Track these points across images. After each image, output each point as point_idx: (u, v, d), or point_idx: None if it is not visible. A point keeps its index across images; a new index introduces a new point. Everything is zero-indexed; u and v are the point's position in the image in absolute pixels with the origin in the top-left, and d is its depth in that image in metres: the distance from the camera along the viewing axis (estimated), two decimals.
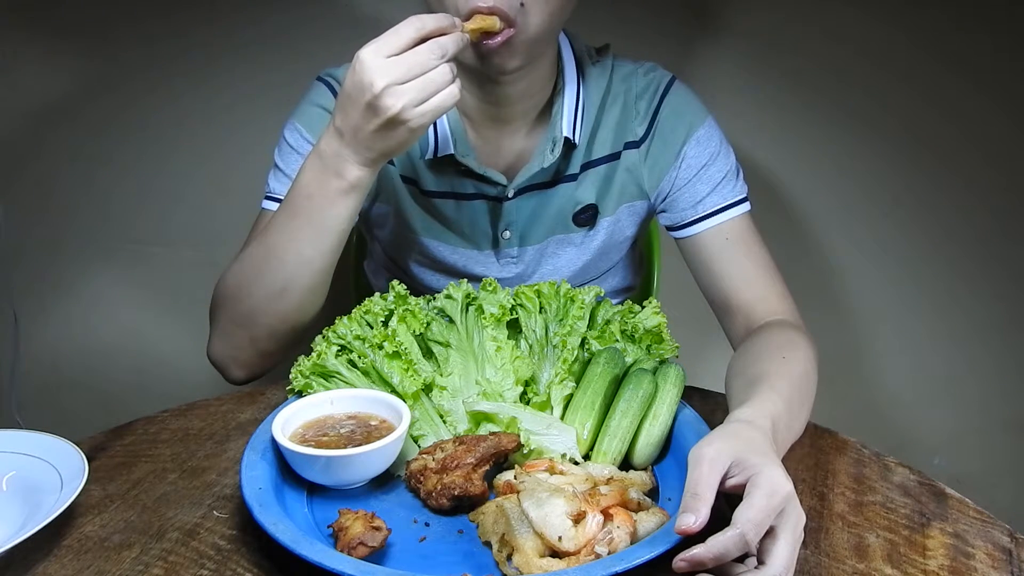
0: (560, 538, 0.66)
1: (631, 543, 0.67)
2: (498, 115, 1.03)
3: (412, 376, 0.84)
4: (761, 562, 0.61)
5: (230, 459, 0.84)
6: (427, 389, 0.85)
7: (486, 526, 0.71)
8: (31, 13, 1.64)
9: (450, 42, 0.81)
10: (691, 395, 0.92)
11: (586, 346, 0.89)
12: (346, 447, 0.76)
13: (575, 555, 0.65)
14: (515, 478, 0.74)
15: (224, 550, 0.71)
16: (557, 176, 1.06)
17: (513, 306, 0.89)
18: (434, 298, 0.91)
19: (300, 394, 0.86)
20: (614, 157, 1.07)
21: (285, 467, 0.77)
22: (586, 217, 1.09)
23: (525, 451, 0.79)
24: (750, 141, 1.54)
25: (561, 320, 0.90)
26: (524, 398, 0.86)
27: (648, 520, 0.69)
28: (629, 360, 0.89)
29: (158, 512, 0.76)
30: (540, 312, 0.90)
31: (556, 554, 0.66)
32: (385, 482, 0.80)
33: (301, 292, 0.93)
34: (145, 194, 1.78)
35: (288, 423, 0.79)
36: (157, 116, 1.71)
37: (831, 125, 1.67)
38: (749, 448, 0.66)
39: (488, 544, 0.70)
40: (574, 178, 1.06)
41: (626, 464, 0.81)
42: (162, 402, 0.99)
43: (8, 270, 1.72)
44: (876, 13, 1.58)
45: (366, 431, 0.79)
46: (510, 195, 1.05)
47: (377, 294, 0.91)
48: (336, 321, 0.89)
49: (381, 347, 0.85)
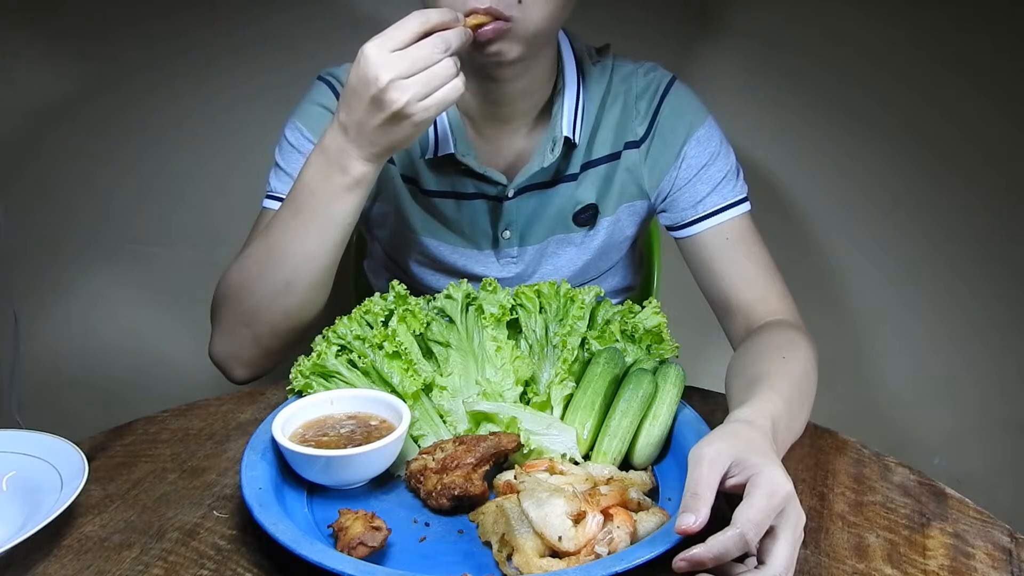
0: (560, 538, 0.66)
1: (631, 543, 0.67)
2: (498, 114, 1.03)
3: (412, 376, 0.84)
4: (761, 562, 0.61)
5: (230, 459, 0.84)
6: (427, 389, 0.85)
7: (486, 526, 0.71)
8: (31, 13, 1.64)
9: (454, 36, 0.81)
10: (691, 395, 0.92)
11: (586, 346, 0.89)
12: (346, 447, 0.76)
13: (575, 555, 0.65)
14: (515, 478, 0.74)
15: (224, 550, 0.71)
16: (557, 176, 1.06)
17: (513, 306, 0.89)
18: (434, 298, 0.91)
19: (300, 394, 0.86)
20: (614, 157, 1.07)
21: (285, 467, 0.77)
22: (586, 217, 1.09)
23: (525, 451, 0.79)
24: (750, 141, 1.54)
25: (561, 320, 0.90)
26: (524, 398, 0.86)
27: (648, 520, 0.69)
28: (629, 360, 0.89)
29: (158, 512, 0.76)
30: (540, 312, 0.90)
31: (556, 554, 0.66)
32: (385, 482, 0.80)
33: (305, 288, 0.93)
34: (145, 194, 1.78)
35: (288, 423, 0.79)
36: (157, 116, 1.72)
37: (831, 125, 1.67)
38: (749, 448, 0.66)
39: (488, 544, 0.70)
40: (574, 178, 1.06)
41: (626, 464, 0.81)
42: (162, 402, 0.99)
43: (8, 270, 1.72)
44: (876, 13, 1.58)
45: (366, 431, 0.79)
46: (510, 195, 1.05)
47: (377, 294, 0.91)
48: (336, 321, 0.89)
49: (381, 347, 0.85)
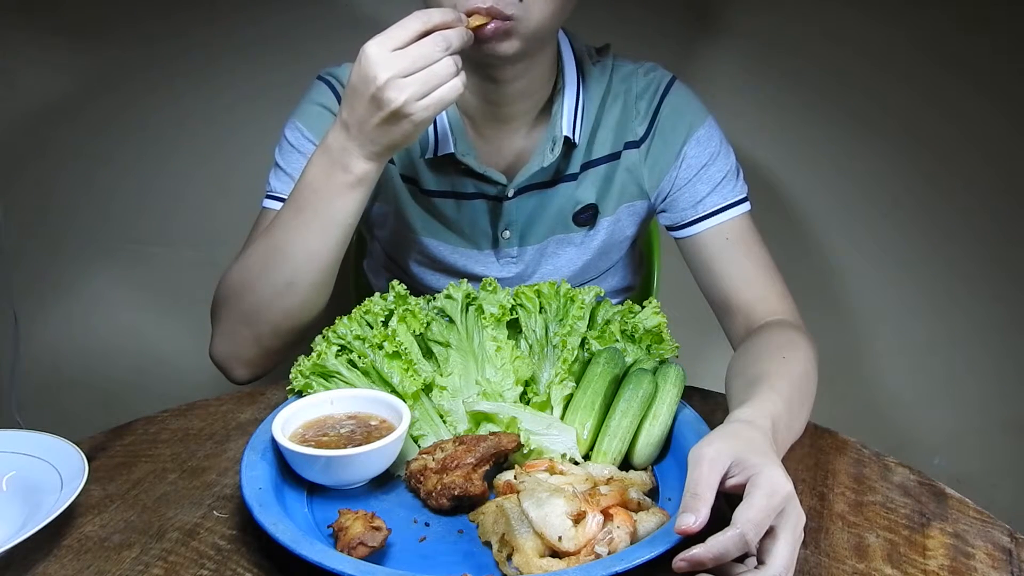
0: (560, 538, 0.66)
1: (631, 543, 0.66)
2: (498, 114, 1.03)
3: (412, 376, 0.84)
4: (761, 562, 0.61)
5: (230, 459, 0.84)
6: (427, 389, 0.85)
7: (486, 526, 0.71)
8: (31, 13, 1.64)
9: (455, 36, 0.81)
10: (691, 395, 0.92)
11: (586, 346, 0.89)
12: (346, 447, 0.76)
13: (575, 555, 0.65)
14: (515, 478, 0.74)
15: (224, 550, 0.71)
16: (557, 176, 1.06)
17: (513, 306, 0.89)
18: (434, 298, 0.91)
19: (300, 394, 0.86)
20: (614, 157, 1.07)
21: (285, 467, 0.77)
22: (586, 217, 1.09)
23: (525, 451, 0.79)
24: (750, 141, 1.54)
25: (561, 320, 0.90)
26: (524, 398, 0.86)
27: (648, 520, 0.69)
28: (629, 360, 0.89)
29: (158, 512, 0.76)
30: (540, 312, 0.90)
31: (556, 554, 0.66)
32: (385, 482, 0.80)
33: (307, 287, 0.93)
34: (145, 194, 1.78)
35: (288, 423, 0.79)
36: (157, 116, 1.72)
37: (831, 125, 1.67)
38: (749, 448, 0.66)
39: (488, 544, 0.70)
40: (574, 178, 1.06)
41: (626, 464, 0.81)
42: (162, 402, 0.99)
43: (8, 270, 1.72)
44: (876, 13, 1.58)
45: (366, 431, 0.79)
46: (510, 194, 1.05)
47: (377, 294, 0.91)
48: (336, 321, 0.89)
49: (381, 347, 0.85)
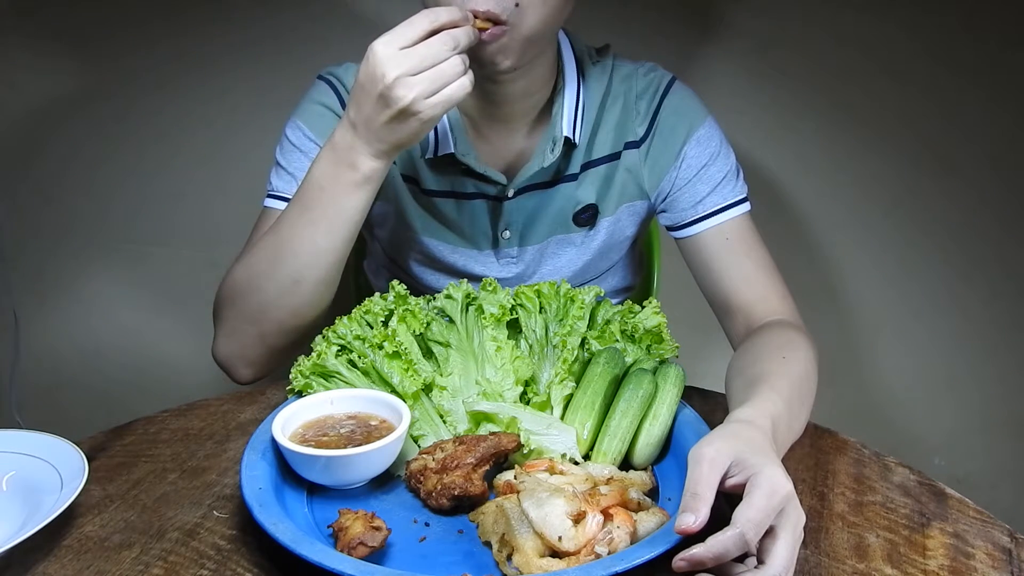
0: (560, 538, 0.66)
1: (631, 543, 0.66)
2: (498, 114, 1.03)
3: (412, 376, 0.84)
4: (761, 562, 0.61)
5: (230, 459, 0.84)
6: (427, 389, 0.85)
7: (486, 526, 0.71)
8: (31, 14, 1.65)
9: (462, 35, 0.82)
10: (691, 395, 0.92)
11: (586, 346, 0.89)
12: (346, 447, 0.76)
13: (575, 555, 0.65)
14: (515, 478, 0.74)
15: (224, 550, 0.71)
16: (557, 176, 1.06)
17: (513, 306, 0.89)
18: (434, 298, 0.91)
19: (300, 394, 0.86)
20: (614, 157, 1.07)
21: (285, 467, 0.77)
22: (586, 217, 1.09)
23: (525, 451, 0.79)
24: (750, 141, 1.54)
25: (561, 320, 0.90)
26: (524, 398, 0.86)
27: (648, 520, 0.69)
28: (629, 360, 0.89)
29: (158, 512, 0.76)
30: (540, 312, 0.90)
31: (556, 554, 0.66)
32: (385, 482, 0.80)
33: (314, 285, 0.93)
34: (145, 194, 1.78)
35: (288, 423, 0.79)
36: (157, 116, 1.72)
37: (831, 125, 1.67)
38: (749, 448, 0.66)
39: (488, 544, 0.70)
40: (574, 178, 1.06)
41: (626, 464, 0.81)
42: (162, 402, 0.99)
43: (8, 270, 1.72)
44: (876, 13, 1.58)
45: (366, 431, 0.79)
46: (510, 195, 1.05)
47: (377, 294, 0.91)
48: (336, 321, 0.89)
49: (381, 347, 0.85)
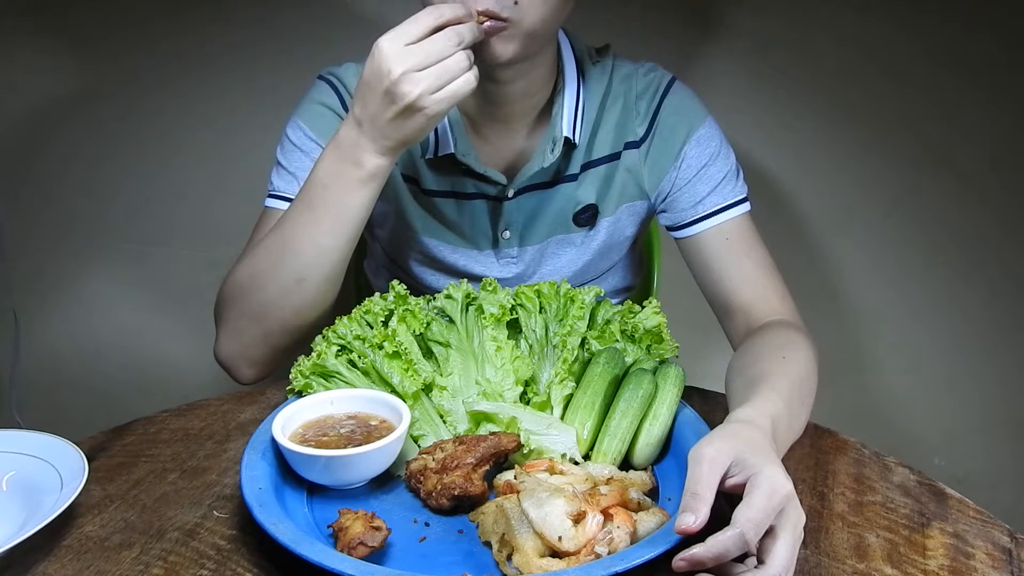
0: (560, 538, 0.66)
1: (631, 543, 0.66)
2: (498, 115, 1.03)
3: (412, 376, 0.84)
4: (761, 562, 0.61)
5: (230, 459, 0.84)
6: (427, 389, 0.85)
7: (486, 526, 0.71)
8: (32, 14, 1.65)
9: (467, 31, 0.82)
10: (691, 395, 0.92)
11: (586, 346, 0.89)
12: (346, 447, 0.76)
13: (575, 555, 0.65)
14: (515, 478, 0.74)
15: (224, 550, 0.71)
16: (557, 176, 1.06)
17: (513, 306, 0.89)
18: (434, 298, 0.91)
19: (300, 394, 0.86)
20: (614, 157, 1.07)
21: (285, 467, 0.77)
22: (586, 217, 1.09)
23: (525, 451, 0.79)
24: (750, 141, 1.54)
25: (561, 320, 0.90)
26: (524, 398, 0.86)
27: (648, 520, 0.69)
28: (629, 360, 0.89)
29: (158, 512, 0.76)
30: (540, 312, 0.90)
31: (556, 554, 0.66)
32: (385, 482, 0.80)
33: (317, 283, 0.93)
34: (145, 194, 1.78)
35: (288, 423, 0.79)
36: (157, 116, 1.72)
37: (831, 125, 1.67)
38: (749, 448, 0.66)
39: (488, 544, 0.70)
40: (574, 178, 1.06)
41: (626, 464, 0.81)
42: (162, 402, 0.99)
43: (8, 270, 1.72)
44: (876, 13, 1.58)
45: (366, 431, 0.79)
46: (510, 195, 1.05)
47: (377, 294, 0.91)
48: (336, 321, 0.89)
49: (381, 347, 0.85)
